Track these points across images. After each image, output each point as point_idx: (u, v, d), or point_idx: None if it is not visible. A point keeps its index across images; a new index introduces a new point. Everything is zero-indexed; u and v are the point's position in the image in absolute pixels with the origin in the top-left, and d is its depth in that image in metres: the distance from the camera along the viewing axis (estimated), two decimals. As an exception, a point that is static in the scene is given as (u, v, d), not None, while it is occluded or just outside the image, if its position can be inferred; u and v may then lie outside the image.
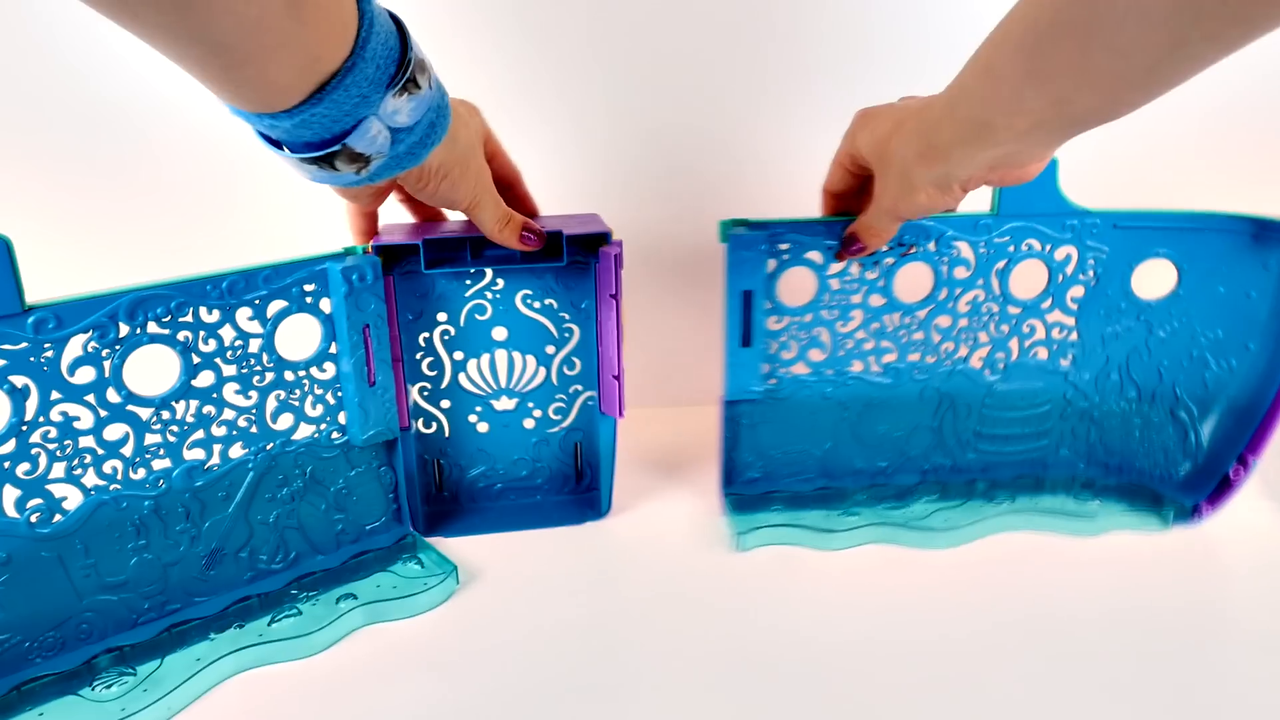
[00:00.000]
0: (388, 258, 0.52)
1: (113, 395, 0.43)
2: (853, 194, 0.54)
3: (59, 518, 0.43)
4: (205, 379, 0.46)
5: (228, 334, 0.47)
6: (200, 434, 0.47)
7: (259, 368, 0.48)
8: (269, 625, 0.48)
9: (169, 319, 0.44)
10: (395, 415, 0.53)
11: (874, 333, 0.57)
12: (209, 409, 0.47)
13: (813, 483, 0.61)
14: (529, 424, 0.60)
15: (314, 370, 0.50)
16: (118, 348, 0.43)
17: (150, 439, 0.45)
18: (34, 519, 0.42)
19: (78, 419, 0.43)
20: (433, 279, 0.55)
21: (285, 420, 0.50)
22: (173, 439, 0.46)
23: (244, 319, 0.47)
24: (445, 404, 0.58)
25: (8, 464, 0.41)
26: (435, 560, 0.54)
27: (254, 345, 0.48)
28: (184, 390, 0.46)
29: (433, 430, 0.59)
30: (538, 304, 0.57)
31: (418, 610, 0.50)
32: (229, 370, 0.47)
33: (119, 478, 0.45)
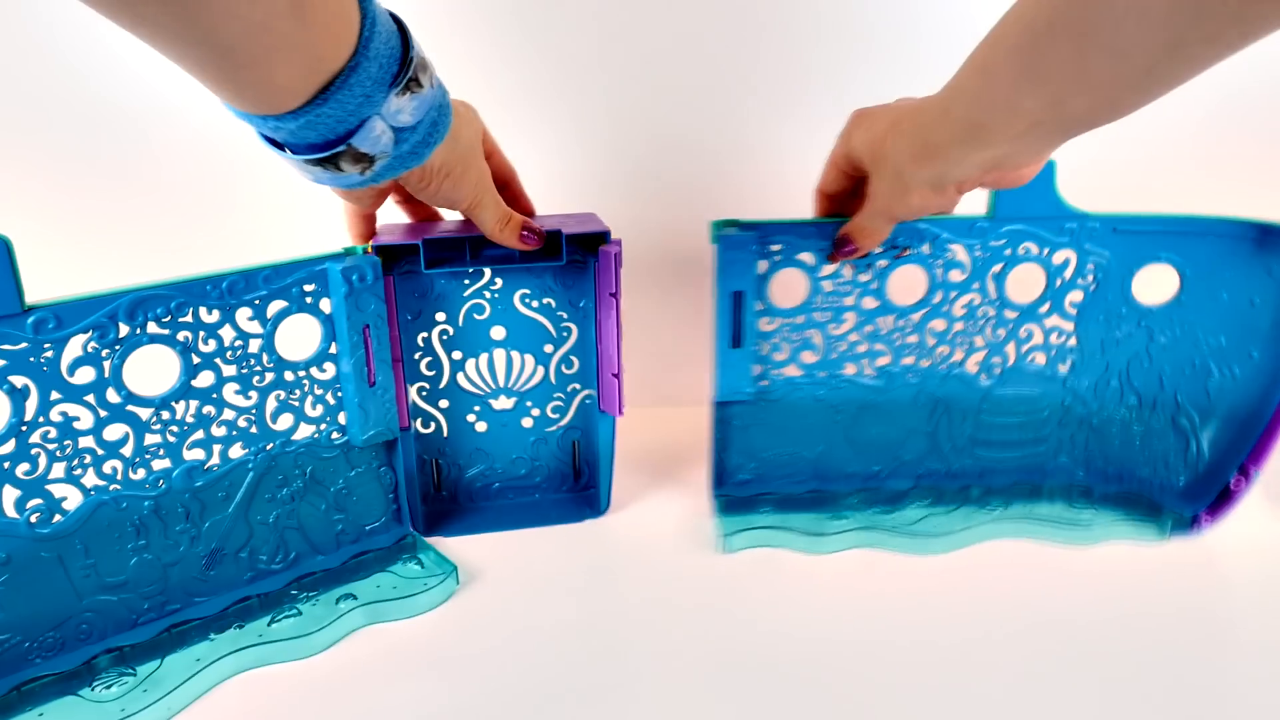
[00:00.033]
0: (387, 258, 0.52)
1: (112, 395, 0.43)
2: (846, 195, 0.53)
3: (59, 518, 0.43)
4: (205, 379, 0.47)
5: (228, 334, 0.47)
6: (200, 434, 0.47)
7: (259, 368, 0.48)
8: (269, 625, 0.48)
9: (169, 319, 0.44)
10: (395, 415, 0.53)
11: (867, 335, 0.57)
12: (209, 409, 0.47)
13: (804, 485, 0.60)
14: (527, 423, 0.60)
15: (314, 370, 0.50)
16: (118, 348, 0.43)
17: (150, 439, 0.45)
18: (34, 519, 0.42)
19: (77, 419, 0.43)
20: (431, 279, 0.55)
21: (285, 420, 0.50)
22: (173, 439, 0.46)
23: (244, 319, 0.47)
24: (444, 404, 0.58)
25: (8, 464, 0.41)
26: (435, 560, 0.54)
27: (254, 345, 0.48)
28: (184, 390, 0.46)
29: (431, 430, 0.59)
30: (536, 303, 0.57)
31: (418, 610, 0.51)
32: (229, 370, 0.47)
33: (119, 478, 0.45)
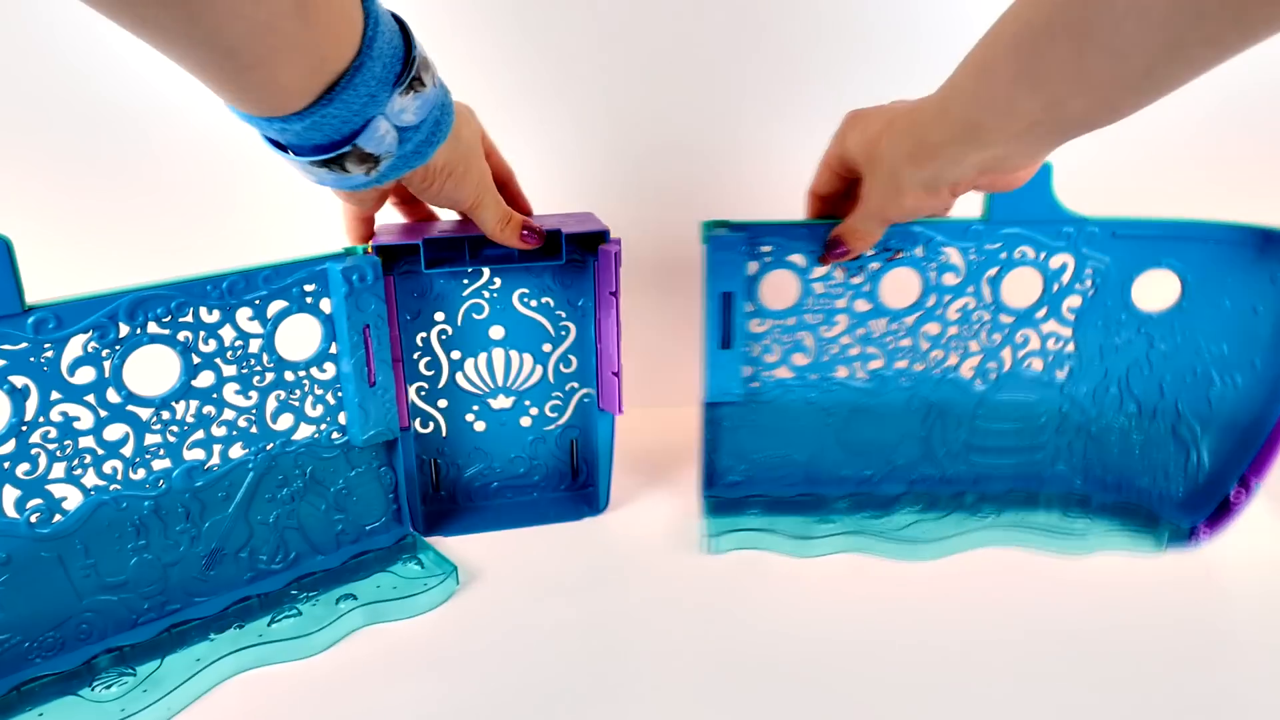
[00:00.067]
0: (387, 258, 0.52)
1: (113, 395, 0.43)
2: (839, 197, 0.53)
3: (59, 518, 0.43)
4: (205, 379, 0.47)
5: (228, 334, 0.47)
6: (200, 434, 0.47)
7: (259, 368, 0.48)
8: (269, 625, 0.48)
9: (169, 319, 0.44)
10: (395, 415, 0.53)
11: (859, 338, 0.56)
12: (209, 409, 0.47)
13: (795, 488, 0.60)
14: (526, 422, 0.60)
15: (314, 370, 0.50)
16: (118, 348, 0.43)
17: (150, 439, 0.45)
18: (34, 519, 0.42)
19: (78, 419, 0.43)
20: (430, 279, 0.55)
21: (285, 420, 0.50)
22: (173, 439, 0.46)
23: (244, 319, 0.47)
24: (442, 403, 0.58)
25: (8, 464, 0.41)
26: (435, 560, 0.54)
27: (254, 345, 0.48)
28: (184, 390, 0.46)
29: (430, 430, 0.59)
30: (535, 302, 0.57)
31: (418, 610, 0.51)
32: (229, 370, 0.47)
33: (119, 478, 0.45)
